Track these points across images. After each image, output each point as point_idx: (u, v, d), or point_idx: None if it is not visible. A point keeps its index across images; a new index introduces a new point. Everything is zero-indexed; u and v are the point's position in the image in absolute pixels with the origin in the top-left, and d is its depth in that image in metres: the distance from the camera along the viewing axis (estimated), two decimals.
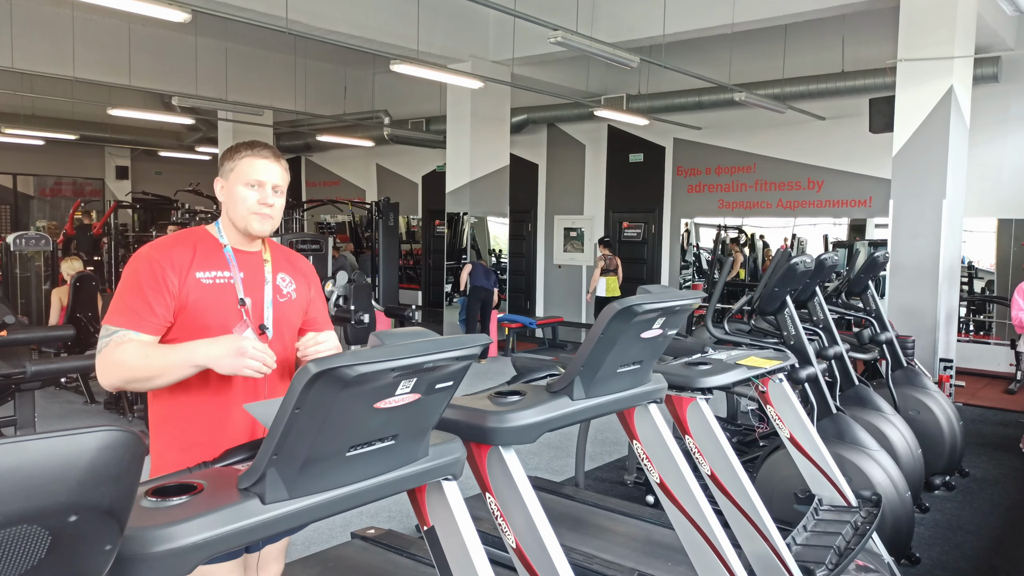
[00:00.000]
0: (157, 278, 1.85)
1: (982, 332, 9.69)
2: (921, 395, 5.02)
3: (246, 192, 1.95)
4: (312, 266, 2.22)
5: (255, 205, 1.95)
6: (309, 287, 2.13)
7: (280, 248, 2.13)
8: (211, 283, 1.91)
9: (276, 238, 7.05)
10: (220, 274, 1.94)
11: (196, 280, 1.89)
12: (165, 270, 1.86)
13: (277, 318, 2.00)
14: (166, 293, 1.86)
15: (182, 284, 1.87)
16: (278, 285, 2.03)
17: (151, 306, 1.84)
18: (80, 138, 14.04)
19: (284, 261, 2.10)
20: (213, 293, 1.91)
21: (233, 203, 1.97)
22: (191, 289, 1.88)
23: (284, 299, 2.04)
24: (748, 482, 2.64)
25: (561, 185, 13.17)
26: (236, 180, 1.96)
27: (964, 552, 4.10)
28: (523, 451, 3.76)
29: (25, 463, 0.85)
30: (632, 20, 8.75)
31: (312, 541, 3.86)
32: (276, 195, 1.99)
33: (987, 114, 8.74)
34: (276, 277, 2.04)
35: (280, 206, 2.01)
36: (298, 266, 2.14)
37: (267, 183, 1.96)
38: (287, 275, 2.07)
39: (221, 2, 7.35)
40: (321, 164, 16.92)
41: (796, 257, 3.89)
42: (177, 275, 1.87)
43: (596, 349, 2.05)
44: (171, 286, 1.86)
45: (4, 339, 4.61)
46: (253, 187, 1.95)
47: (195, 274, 1.90)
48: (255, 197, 1.95)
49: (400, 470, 1.55)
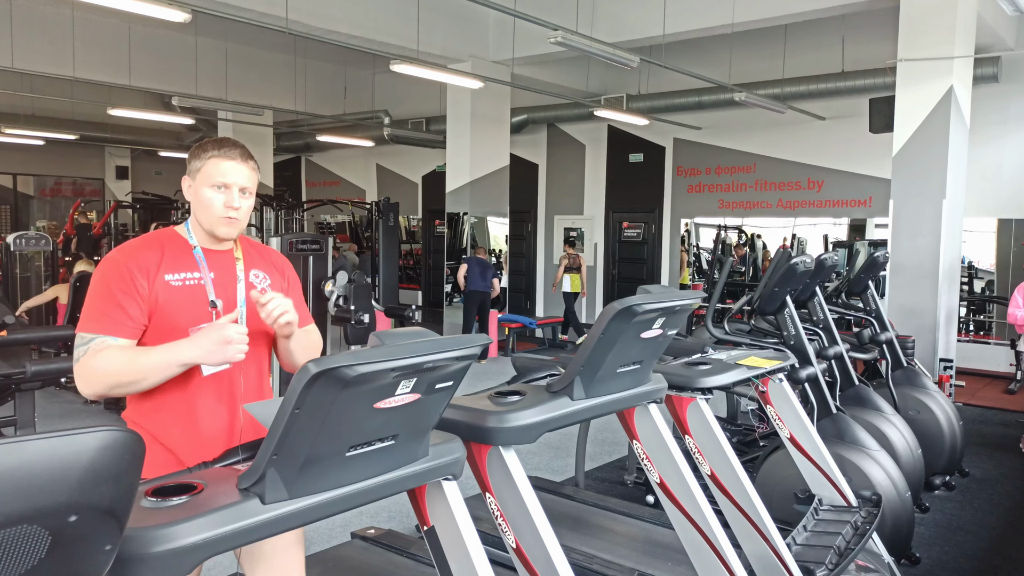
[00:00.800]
0: (126, 281, 1.83)
1: (982, 332, 9.69)
2: (921, 395, 5.02)
3: (212, 194, 1.91)
4: (287, 260, 2.19)
5: (221, 209, 1.91)
6: (284, 280, 2.10)
7: (252, 244, 2.10)
8: (180, 285, 1.89)
9: (276, 238, 7.06)
10: (189, 275, 1.91)
11: (165, 282, 1.86)
12: (133, 273, 1.84)
13: (252, 315, 1.96)
14: (136, 296, 1.83)
15: (151, 286, 1.84)
16: (251, 282, 2.01)
17: (124, 309, 1.82)
18: (80, 138, 14.03)
19: (257, 257, 2.07)
20: (183, 295, 1.88)
21: (200, 205, 1.93)
22: (160, 291, 1.85)
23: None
24: (748, 482, 2.64)
25: (561, 185, 13.17)
26: (203, 181, 1.91)
27: (964, 552, 4.10)
28: (523, 451, 3.76)
29: (25, 463, 0.85)
30: (632, 20, 8.75)
31: (312, 541, 3.86)
32: (244, 197, 1.94)
33: (987, 114, 8.74)
34: (249, 274, 2.01)
35: (248, 207, 1.97)
36: (271, 260, 2.11)
37: (234, 185, 1.91)
38: (260, 271, 2.04)
39: (221, 2, 7.35)
40: (321, 164, 16.92)
41: (796, 257, 3.89)
42: (145, 277, 1.84)
43: (596, 349, 2.05)
44: (141, 289, 1.83)
45: (4, 339, 4.61)
46: (219, 189, 1.91)
47: (163, 276, 1.87)
48: (221, 200, 1.91)
49: (400, 470, 1.55)
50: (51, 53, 9.91)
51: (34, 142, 14.69)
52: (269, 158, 14.41)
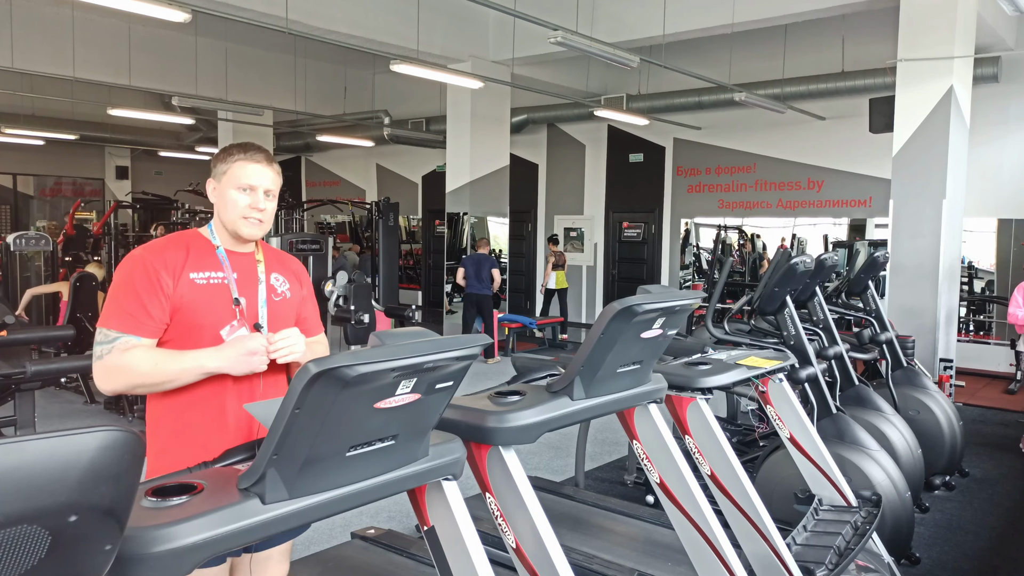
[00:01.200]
0: (151, 280, 1.86)
1: (982, 332, 9.69)
2: (921, 395, 5.02)
3: (237, 196, 1.96)
4: (304, 268, 2.25)
5: (246, 210, 1.96)
6: (302, 288, 2.15)
7: (273, 250, 2.15)
8: (205, 283, 1.93)
9: (276, 238, 7.07)
10: (214, 274, 1.95)
11: (190, 280, 1.91)
12: (159, 271, 1.87)
13: (273, 316, 2.02)
14: (161, 295, 1.86)
15: (176, 285, 1.88)
16: (272, 285, 2.06)
17: (147, 309, 1.85)
18: (80, 138, 14.03)
19: (277, 262, 2.13)
20: (207, 293, 1.93)
21: (224, 206, 1.98)
22: (185, 290, 1.89)
23: (279, 298, 2.06)
24: (748, 482, 2.64)
25: (561, 185, 13.17)
26: (228, 184, 1.97)
27: (964, 552, 4.10)
28: (523, 451, 3.75)
29: (25, 463, 0.85)
30: (632, 20, 8.75)
31: (312, 541, 3.86)
32: (268, 199, 2.00)
33: (987, 114, 8.74)
34: (270, 277, 2.06)
35: (272, 210, 2.02)
36: (291, 267, 2.16)
37: (259, 187, 1.97)
38: (280, 275, 2.10)
39: (221, 2, 7.35)
40: (321, 164, 16.92)
41: (796, 257, 3.89)
42: (171, 276, 1.88)
43: (596, 349, 2.05)
44: (166, 288, 1.87)
45: (4, 339, 4.61)
46: (245, 191, 1.96)
47: (188, 274, 1.91)
48: (246, 201, 1.96)
49: (400, 470, 1.55)
50: (51, 53, 9.91)
51: (34, 142, 14.69)
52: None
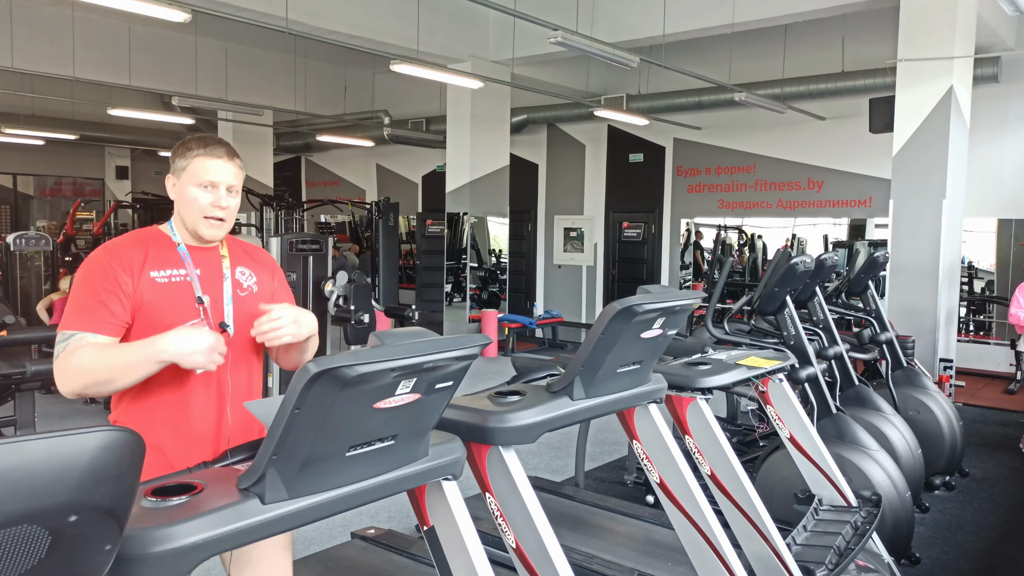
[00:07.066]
0: (109, 278, 1.81)
1: (982, 332, 9.69)
2: (921, 395, 5.02)
3: (198, 193, 1.89)
4: (272, 258, 2.17)
5: (208, 208, 1.90)
6: (272, 278, 2.08)
7: (238, 242, 2.08)
8: (166, 282, 1.87)
9: (276, 238, 7.06)
10: (176, 272, 1.89)
11: (151, 279, 1.85)
12: (116, 271, 1.82)
13: (239, 313, 1.95)
14: (120, 293, 1.81)
15: (136, 284, 1.83)
16: (238, 280, 1.99)
17: (106, 306, 1.79)
18: (80, 138, 14.02)
19: (243, 254, 2.05)
20: (169, 291, 1.87)
21: (184, 204, 1.91)
22: (145, 288, 1.83)
23: (245, 293, 1.99)
24: (748, 482, 2.64)
25: (561, 185, 13.17)
26: (188, 180, 1.90)
27: (964, 552, 4.10)
28: (523, 451, 3.75)
29: (25, 463, 0.85)
30: (632, 20, 8.75)
31: (312, 541, 3.86)
32: (230, 196, 1.93)
33: (987, 114, 8.73)
34: (235, 272, 1.99)
35: (235, 207, 1.95)
36: (258, 258, 2.08)
37: (221, 184, 1.90)
38: (247, 268, 2.02)
39: (221, 2, 7.35)
40: (321, 164, 16.91)
41: (796, 257, 3.89)
42: (129, 275, 1.83)
43: (596, 349, 2.05)
44: (124, 286, 1.81)
45: (4, 339, 4.61)
46: (206, 188, 1.89)
47: (149, 273, 1.85)
48: (208, 199, 1.89)
49: (400, 470, 1.55)
50: (51, 53, 9.90)
51: (34, 142, 14.68)
52: (269, 158, 14.40)
